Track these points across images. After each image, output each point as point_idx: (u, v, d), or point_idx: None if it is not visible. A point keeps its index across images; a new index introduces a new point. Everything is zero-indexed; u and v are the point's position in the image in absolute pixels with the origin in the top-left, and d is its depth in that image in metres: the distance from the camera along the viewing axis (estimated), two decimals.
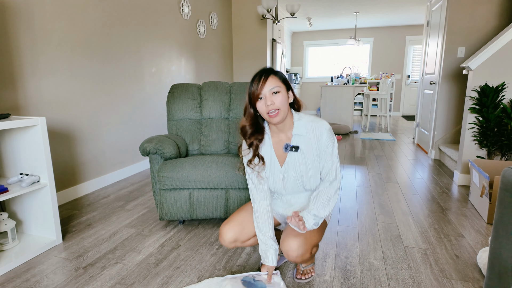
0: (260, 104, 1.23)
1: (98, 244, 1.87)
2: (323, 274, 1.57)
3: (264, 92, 1.21)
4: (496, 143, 2.63)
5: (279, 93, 1.22)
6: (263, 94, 1.22)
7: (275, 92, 1.21)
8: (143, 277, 1.56)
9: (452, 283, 1.49)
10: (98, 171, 2.87)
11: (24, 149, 1.83)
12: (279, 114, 1.22)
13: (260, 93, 1.22)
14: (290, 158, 1.32)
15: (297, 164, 1.32)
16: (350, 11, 6.62)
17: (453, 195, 2.65)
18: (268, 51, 5.72)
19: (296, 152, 1.31)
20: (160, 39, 3.67)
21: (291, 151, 1.31)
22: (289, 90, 1.29)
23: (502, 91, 2.60)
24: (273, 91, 1.21)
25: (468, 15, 3.41)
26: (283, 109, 1.23)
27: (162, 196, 1.99)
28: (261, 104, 1.23)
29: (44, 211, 1.86)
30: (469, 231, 2.00)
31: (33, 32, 2.24)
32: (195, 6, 4.43)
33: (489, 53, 2.62)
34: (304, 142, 1.31)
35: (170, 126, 2.38)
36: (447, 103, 3.68)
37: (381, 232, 2.00)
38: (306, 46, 9.17)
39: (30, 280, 1.54)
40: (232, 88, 2.43)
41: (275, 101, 1.21)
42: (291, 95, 1.30)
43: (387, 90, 6.14)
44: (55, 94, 2.44)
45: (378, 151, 4.28)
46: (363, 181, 3.01)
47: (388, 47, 8.52)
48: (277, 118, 1.23)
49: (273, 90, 1.21)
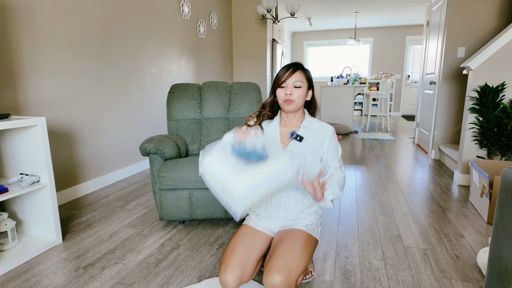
0: (280, 91, 1.32)
1: (98, 244, 1.87)
2: (323, 274, 1.57)
3: (287, 82, 1.30)
4: (496, 143, 2.63)
5: (300, 88, 1.30)
6: (287, 83, 1.30)
7: (297, 87, 1.29)
8: (143, 277, 1.56)
9: (452, 283, 1.49)
10: (98, 171, 2.87)
11: (24, 149, 1.83)
12: (293, 104, 1.30)
13: (284, 82, 1.30)
14: (292, 147, 1.34)
15: (297, 154, 1.33)
16: (350, 11, 6.62)
17: (453, 195, 2.65)
18: (268, 51, 5.72)
19: (300, 142, 1.33)
20: (160, 39, 3.67)
21: (295, 139, 1.34)
22: (310, 89, 1.36)
23: (502, 91, 2.60)
24: (295, 84, 1.29)
25: (468, 15, 3.41)
26: (298, 102, 1.31)
27: (162, 196, 1.99)
28: (280, 91, 1.32)
29: (44, 211, 1.86)
30: (469, 231, 2.00)
31: (33, 32, 2.24)
32: (195, 6, 4.43)
33: (489, 53, 2.62)
34: (309, 136, 1.34)
35: (170, 126, 2.38)
36: (447, 103, 3.68)
37: (381, 232, 2.00)
38: (306, 46, 9.17)
39: (30, 280, 1.54)
40: (232, 88, 2.43)
41: (294, 93, 1.29)
42: (310, 94, 1.37)
43: (387, 90, 6.14)
44: (55, 94, 2.44)
45: (378, 151, 4.28)
46: (363, 181, 3.01)
47: (388, 47, 8.52)
48: (290, 106, 1.31)
49: (296, 84, 1.29)
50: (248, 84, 2.42)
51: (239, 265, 1.18)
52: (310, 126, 1.36)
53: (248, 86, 2.41)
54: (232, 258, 1.20)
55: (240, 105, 2.38)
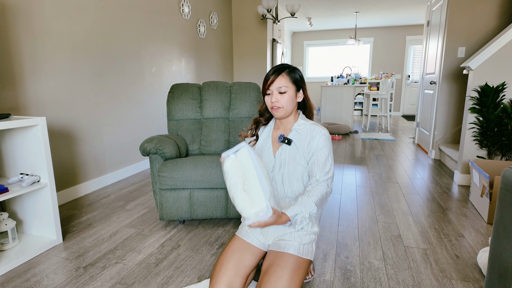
0: (267, 98, 1.30)
1: (98, 244, 1.87)
2: (323, 274, 1.57)
3: (271, 89, 1.27)
4: (496, 143, 2.63)
5: (285, 94, 1.26)
6: (271, 90, 1.28)
7: (282, 92, 1.26)
8: (143, 277, 1.56)
9: (452, 283, 1.49)
10: (98, 171, 2.88)
11: (24, 149, 1.83)
12: (281, 110, 1.28)
13: (268, 89, 1.28)
14: (282, 150, 1.31)
15: (286, 158, 1.29)
16: (350, 11, 6.62)
17: (453, 195, 2.65)
18: (268, 51, 5.72)
19: (289, 146, 1.30)
20: (160, 39, 3.67)
21: (284, 143, 1.30)
22: (299, 90, 1.31)
23: (502, 91, 2.60)
24: (280, 90, 1.26)
25: (468, 15, 3.40)
26: (287, 108, 1.28)
27: (162, 196, 1.99)
28: (267, 98, 1.30)
29: (44, 211, 1.86)
30: (469, 231, 2.00)
31: (33, 32, 2.24)
32: (195, 6, 4.43)
33: (489, 53, 2.62)
34: (299, 140, 1.30)
35: (170, 126, 2.38)
36: (447, 103, 3.68)
37: (381, 232, 2.00)
38: (306, 46, 9.17)
39: (30, 280, 1.54)
40: (232, 88, 2.43)
41: (279, 100, 1.26)
42: (300, 95, 1.32)
43: (387, 90, 6.14)
44: (55, 94, 2.44)
45: (378, 151, 4.27)
46: (363, 181, 3.01)
47: (388, 47, 8.52)
48: (278, 113, 1.28)
49: (280, 90, 1.26)
50: (248, 84, 2.42)
51: (226, 284, 1.16)
52: (301, 129, 1.31)
53: (248, 86, 2.41)
54: (220, 276, 1.18)
55: (240, 105, 2.38)
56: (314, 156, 1.26)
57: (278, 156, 1.31)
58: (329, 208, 2.39)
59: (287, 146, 1.30)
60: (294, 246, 1.23)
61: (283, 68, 1.28)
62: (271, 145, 1.35)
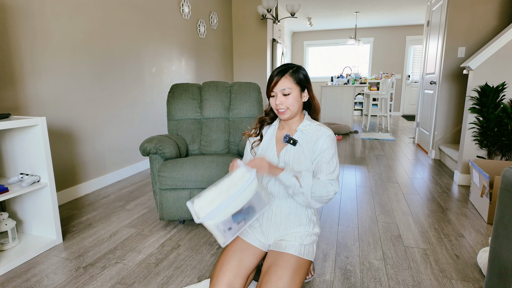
0: (272, 100, 1.29)
1: (98, 244, 1.87)
2: (323, 274, 1.57)
3: (275, 91, 1.26)
4: (496, 143, 2.63)
5: (289, 95, 1.25)
6: (275, 92, 1.26)
7: (286, 94, 1.25)
8: (143, 277, 1.56)
9: (452, 283, 1.49)
10: (98, 171, 2.87)
11: (24, 149, 1.83)
12: (287, 112, 1.27)
13: (272, 91, 1.27)
14: (287, 151, 1.30)
15: (291, 158, 1.28)
16: (350, 11, 6.62)
17: (453, 195, 2.65)
18: (268, 51, 5.72)
19: (294, 146, 1.29)
20: (160, 39, 3.67)
21: (289, 143, 1.29)
22: (304, 90, 1.29)
23: (502, 91, 2.60)
24: (283, 92, 1.24)
25: (468, 15, 3.40)
26: (292, 109, 1.27)
27: (162, 196, 1.99)
28: (272, 100, 1.29)
29: (44, 211, 1.86)
30: (469, 231, 2.00)
31: (33, 32, 2.24)
32: (195, 6, 4.43)
33: (489, 53, 2.62)
34: (305, 140, 1.29)
35: (170, 126, 2.38)
36: (447, 103, 3.68)
37: (381, 232, 2.00)
38: (306, 46, 9.17)
39: (31, 280, 1.54)
40: (232, 88, 2.43)
41: (284, 102, 1.25)
42: (305, 95, 1.30)
43: (387, 90, 6.14)
44: (55, 94, 2.44)
45: (378, 151, 4.27)
46: (363, 181, 3.01)
47: (388, 47, 8.52)
48: (284, 115, 1.28)
49: (284, 92, 1.24)
50: (248, 84, 2.42)
51: (227, 285, 1.16)
52: (306, 129, 1.30)
53: (248, 86, 2.41)
54: (220, 277, 1.18)
55: (240, 105, 2.38)
56: (319, 157, 1.26)
57: (282, 156, 1.30)
58: (329, 208, 2.39)
59: (292, 147, 1.29)
60: (295, 246, 1.23)
61: (287, 68, 1.26)
62: (275, 145, 1.35)
